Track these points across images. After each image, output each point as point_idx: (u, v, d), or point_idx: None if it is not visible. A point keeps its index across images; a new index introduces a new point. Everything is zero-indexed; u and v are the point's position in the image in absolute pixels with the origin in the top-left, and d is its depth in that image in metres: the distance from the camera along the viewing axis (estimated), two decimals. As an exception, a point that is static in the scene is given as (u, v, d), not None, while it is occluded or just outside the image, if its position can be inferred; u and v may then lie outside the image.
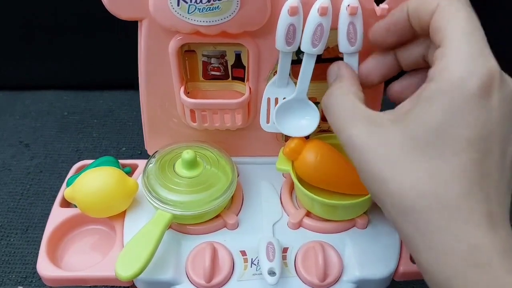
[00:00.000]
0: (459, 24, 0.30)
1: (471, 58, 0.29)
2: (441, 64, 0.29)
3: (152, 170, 0.45)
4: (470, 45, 0.29)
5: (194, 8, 0.39)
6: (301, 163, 0.44)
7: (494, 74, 0.29)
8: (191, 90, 0.47)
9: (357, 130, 0.32)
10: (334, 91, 0.37)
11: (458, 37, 0.29)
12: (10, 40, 0.79)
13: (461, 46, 0.29)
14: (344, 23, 0.40)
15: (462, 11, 0.31)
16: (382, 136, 0.30)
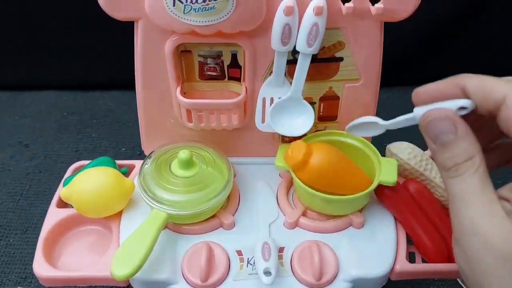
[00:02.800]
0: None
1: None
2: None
3: (148, 170, 0.45)
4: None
5: (189, 8, 0.39)
6: (306, 172, 0.43)
7: None
8: (187, 91, 0.47)
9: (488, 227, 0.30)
10: (467, 178, 0.31)
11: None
12: (10, 40, 0.79)
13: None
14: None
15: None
16: (504, 229, 0.29)
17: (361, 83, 0.47)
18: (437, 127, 0.32)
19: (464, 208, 0.30)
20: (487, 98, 0.31)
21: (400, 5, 0.41)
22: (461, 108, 0.32)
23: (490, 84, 0.31)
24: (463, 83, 0.33)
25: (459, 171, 0.31)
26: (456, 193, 0.31)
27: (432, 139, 0.33)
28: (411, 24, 0.47)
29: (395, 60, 0.79)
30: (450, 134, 0.32)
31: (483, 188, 0.30)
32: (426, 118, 0.33)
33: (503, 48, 0.81)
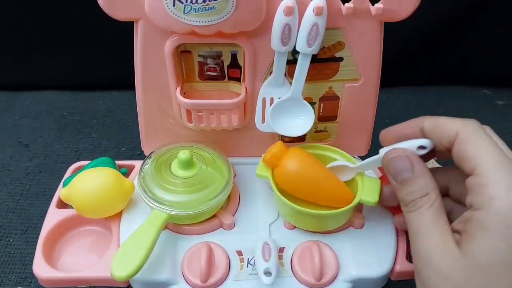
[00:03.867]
0: (488, 153, 0.32)
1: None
2: (485, 194, 0.31)
3: (148, 170, 0.45)
4: (506, 174, 0.31)
5: (189, 8, 0.39)
6: (281, 171, 0.43)
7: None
8: (187, 91, 0.47)
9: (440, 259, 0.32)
10: (423, 212, 0.34)
11: (492, 166, 0.31)
12: (10, 40, 0.79)
13: (499, 176, 0.31)
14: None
15: (484, 138, 0.33)
16: (455, 257, 0.31)
17: (361, 83, 0.47)
18: (397, 165, 0.36)
19: (421, 240, 0.33)
20: (442, 135, 0.35)
21: (400, 5, 0.41)
22: (421, 147, 0.35)
23: (443, 123, 0.35)
24: (421, 124, 0.36)
25: (416, 206, 0.34)
26: (414, 226, 0.34)
27: (393, 176, 0.36)
28: (411, 24, 0.47)
29: (395, 60, 0.79)
30: (408, 172, 0.35)
31: (437, 221, 0.33)
32: (387, 157, 0.37)
33: (503, 48, 0.81)
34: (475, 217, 0.31)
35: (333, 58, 0.45)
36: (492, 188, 0.30)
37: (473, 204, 0.31)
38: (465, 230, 0.31)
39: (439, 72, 0.85)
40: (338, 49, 0.44)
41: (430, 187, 0.34)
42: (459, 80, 0.86)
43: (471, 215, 0.31)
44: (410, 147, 0.36)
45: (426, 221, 0.33)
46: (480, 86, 0.87)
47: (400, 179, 0.35)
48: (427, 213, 0.33)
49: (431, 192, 0.34)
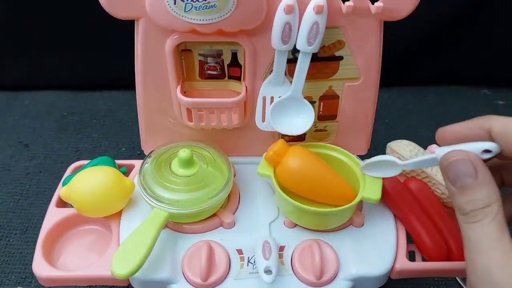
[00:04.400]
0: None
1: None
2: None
3: (148, 169, 0.45)
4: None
5: (190, 6, 0.39)
6: (283, 168, 0.43)
7: None
8: (187, 90, 0.47)
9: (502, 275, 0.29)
10: (485, 225, 0.30)
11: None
12: (10, 40, 0.79)
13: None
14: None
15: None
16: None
17: (360, 82, 0.47)
18: (458, 170, 0.32)
19: (480, 255, 0.30)
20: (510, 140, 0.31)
21: (400, 4, 0.41)
22: (486, 151, 0.32)
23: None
24: (488, 125, 0.32)
25: (477, 217, 0.30)
26: (472, 239, 0.30)
27: (451, 181, 0.32)
28: (411, 24, 0.47)
29: (395, 60, 0.79)
30: (470, 178, 0.31)
31: (500, 237, 0.30)
32: (447, 159, 0.32)
33: (503, 48, 0.81)
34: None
35: (333, 57, 0.45)
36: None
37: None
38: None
39: (439, 72, 0.85)
40: (338, 48, 0.45)
41: (494, 198, 0.30)
42: (459, 80, 0.86)
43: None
44: (474, 150, 0.32)
45: (487, 236, 0.30)
46: (480, 86, 0.87)
47: (460, 184, 0.31)
48: (489, 227, 0.30)
49: (494, 203, 0.30)
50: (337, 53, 0.45)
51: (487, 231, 0.30)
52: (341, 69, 0.46)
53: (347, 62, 0.45)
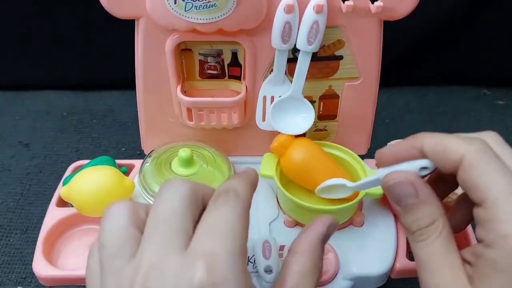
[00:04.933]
0: (498, 182, 0.29)
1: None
2: (497, 231, 0.28)
3: (148, 168, 0.45)
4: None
5: (191, 5, 0.39)
6: (288, 158, 0.44)
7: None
8: (187, 89, 0.48)
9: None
10: (431, 243, 0.31)
11: (502, 199, 0.28)
12: (10, 40, 0.79)
13: (511, 210, 0.28)
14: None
15: (493, 163, 0.30)
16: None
17: (360, 81, 0.47)
18: (399, 191, 0.32)
19: (429, 274, 0.30)
20: (444, 159, 0.31)
21: (400, 4, 0.42)
22: (423, 168, 0.33)
23: (446, 144, 0.31)
24: (420, 144, 0.33)
25: (422, 236, 0.31)
26: (421, 258, 0.31)
27: (395, 201, 0.33)
28: (411, 23, 0.47)
29: (395, 59, 0.79)
30: (412, 197, 0.32)
31: (447, 253, 0.30)
32: (388, 181, 0.33)
33: (503, 48, 0.81)
34: (487, 255, 0.28)
35: (333, 56, 0.45)
36: (504, 226, 0.28)
37: (484, 239, 0.29)
38: (477, 266, 0.29)
39: (439, 72, 0.85)
40: (338, 47, 0.45)
41: (437, 213, 0.31)
42: (459, 80, 0.86)
43: (482, 251, 0.29)
44: (411, 169, 0.33)
45: (435, 254, 0.30)
46: (480, 86, 0.87)
47: (404, 204, 0.32)
48: (435, 244, 0.31)
49: (438, 219, 0.31)
50: (337, 52, 0.45)
51: (434, 249, 0.31)
52: (341, 68, 0.46)
53: (347, 61, 0.45)
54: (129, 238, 0.28)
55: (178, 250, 0.27)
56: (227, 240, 0.27)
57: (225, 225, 0.28)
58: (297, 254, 0.32)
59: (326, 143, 0.48)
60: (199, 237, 0.27)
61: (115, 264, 0.28)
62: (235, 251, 0.27)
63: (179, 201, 0.29)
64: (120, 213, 0.30)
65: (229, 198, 0.30)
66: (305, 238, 0.33)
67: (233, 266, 0.26)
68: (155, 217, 0.29)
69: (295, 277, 0.31)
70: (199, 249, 0.27)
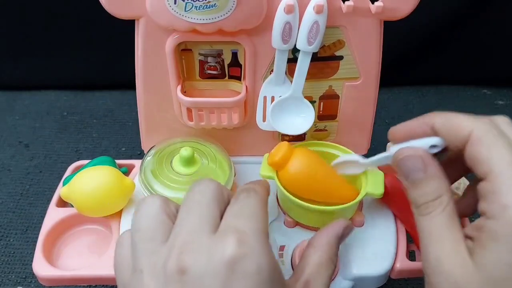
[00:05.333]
0: (502, 157, 0.30)
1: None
2: (498, 202, 0.29)
3: (149, 166, 0.45)
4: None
5: (191, 6, 0.39)
6: (285, 174, 0.43)
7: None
8: (187, 89, 0.48)
9: (452, 265, 0.31)
10: (436, 216, 0.32)
11: (505, 172, 0.29)
12: (10, 40, 0.79)
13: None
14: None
15: (500, 139, 0.31)
16: (467, 269, 0.30)
17: (360, 82, 0.47)
18: (408, 165, 0.34)
19: (431, 246, 0.32)
20: (454, 135, 0.33)
21: (400, 4, 0.41)
22: (433, 146, 0.34)
23: (456, 121, 0.33)
24: (432, 121, 0.35)
25: (428, 209, 0.32)
26: (425, 231, 0.32)
27: (404, 175, 0.34)
28: (411, 23, 0.47)
29: (395, 59, 0.79)
30: (420, 172, 0.33)
31: (449, 227, 0.31)
32: (398, 156, 0.35)
33: (503, 48, 0.81)
34: (488, 226, 0.29)
35: (333, 56, 0.45)
36: (506, 197, 0.29)
37: (486, 212, 0.30)
38: (478, 239, 0.30)
39: (439, 72, 0.85)
40: (338, 47, 0.45)
41: (444, 189, 0.32)
42: (459, 80, 0.86)
43: (484, 224, 0.30)
44: (422, 146, 0.34)
45: (438, 227, 0.32)
46: (480, 86, 0.87)
47: (412, 179, 0.33)
48: (439, 218, 0.32)
49: (444, 195, 0.32)
50: (337, 52, 0.45)
51: (438, 222, 0.32)
52: (341, 68, 0.46)
53: (347, 61, 0.45)
54: (162, 223, 0.31)
55: (209, 231, 0.29)
56: (252, 221, 0.30)
57: (248, 210, 0.32)
58: (315, 248, 0.36)
59: (325, 143, 0.48)
60: (226, 221, 0.31)
61: (149, 246, 0.30)
62: (260, 230, 0.30)
63: (209, 193, 0.32)
64: (154, 202, 0.32)
65: (249, 194, 0.33)
66: (323, 234, 0.37)
67: (260, 241, 0.29)
68: (186, 207, 0.32)
69: (312, 268, 0.34)
70: (228, 227, 0.30)
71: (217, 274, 0.27)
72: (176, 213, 0.32)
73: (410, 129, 0.36)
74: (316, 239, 0.37)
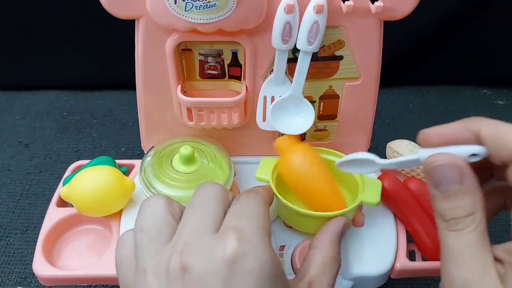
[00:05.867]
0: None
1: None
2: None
3: (149, 164, 0.45)
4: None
5: (191, 6, 0.39)
6: (288, 160, 0.42)
7: None
8: (187, 89, 0.48)
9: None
10: (466, 235, 0.29)
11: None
12: (10, 40, 0.79)
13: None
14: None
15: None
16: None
17: (360, 81, 0.47)
18: (443, 174, 0.30)
19: (458, 266, 0.29)
20: (502, 147, 0.29)
21: (400, 4, 0.42)
22: (473, 155, 0.30)
23: (507, 133, 0.30)
24: (477, 128, 0.31)
25: (458, 225, 0.29)
26: (451, 249, 0.29)
27: (434, 184, 0.31)
28: (411, 23, 0.47)
29: (395, 59, 0.79)
30: (456, 184, 0.30)
31: (481, 248, 0.29)
32: (433, 162, 0.31)
33: (503, 48, 0.81)
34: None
35: (333, 56, 0.45)
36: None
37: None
38: (510, 264, 0.28)
39: (439, 72, 0.85)
40: (338, 47, 0.45)
41: (478, 206, 0.29)
42: (459, 80, 0.86)
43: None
44: (461, 154, 0.30)
45: (468, 247, 0.29)
46: (480, 86, 0.87)
47: (444, 189, 0.30)
48: (470, 237, 0.29)
49: (477, 212, 0.29)
50: (337, 52, 0.45)
51: (468, 242, 0.29)
52: (341, 68, 0.46)
53: (347, 61, 0.45)
54: (166, 223, 0.31)
55: (211, 231, 0.30)
56: (252, 220, 0.31)
57: (248, 210, 0.32)
58: (317, 249, 0.36)
59: (322, 149, 0.46)
60: (227, 220, 0.31)
61: (153, 246, 0.30)
62: (261, 228, 0.31)
63: (212, 194, 0.33)
64: (158, 203, 0.33)
65: (250, 195, 0.34)
66: (324, 234, 0.38)
67: (261, 239, 0.30)
68: (190, 208, 0.32)
69: (316, 268, 0.34)
70: (229, 227, 0.30)
71: (219, 272, 0.28)
72: (180, 213, 0.33)
73: (449, 133, 0.32)
74: (317, 239, 0.37)
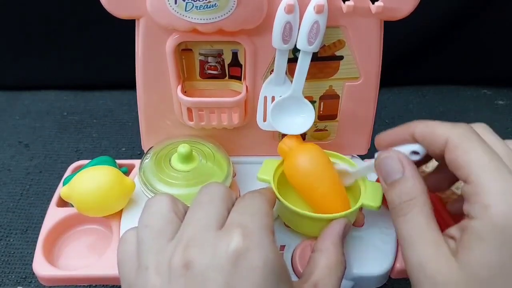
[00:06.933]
0: (479, 159, 0.31)
1: (507, 194, 0.29)
2: (480, 202, 0.30)
3: (148, 164, 0.45)
4: (501, 180, 0.30)
5: (191, 5, 0.39)
6: (293, 160, 0.42)
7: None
8: (188, 89, 0.48)
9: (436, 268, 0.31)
10: (413, 218, 0.33)
11: (484, 173, 0.30)
12: (10, 40, 0.79)
13: (493, 183, 0.30)
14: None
15: (475, 143, 0.31)
16: (451, 270, 0.30)
17: (361, 82, 0.47)
18: (387, 166, 0.35)
19: (410, 249, 0.32)
20: (432, 142, 0.34)
21: (400, 4, 0.42)
22: (414, 152, 0.35)
23: (433, 129, 0.34)
24: (412, 129, 0.36)
25: (403, 210, 0.33)
26: (403, 234, 0.33)
27: (383, 177, 0.36)
28: (411, 23, 0.47)
29: (395, 59, 0.79)
30: (398, 173, 0.34)
31: (427, 229, 0.32)
32: (379, 157, 0.36)
33: (503, 48, 0.81)
34: (471, 226, 0.30)
35: (334, 56, 0.45)
36: (487, 197, 0.29)
37: (469, 213, 0.30)
38: (461, 239, 0.30)
39: (439, 72, 0.85)
40: (339, 47, 0.45)
41: (419, 190, 0.33)
42: (459, 80, 0.86)
43: (467, 224, 0.30)
44: (403, 151, 0.35)
45: (416, 228, 0.32)
46: (480, 86, 0.87)
47: (390, 180, 0.35)
48: (416, 219, 0.32)
49: (419, 196, 0.33)
50: (337, 52, 0.45)
51: (415, 224, 0.32)
52: (341, 68, 0.46)
53: (348, 61, 0.45)
54: (170, 220, 0.32)
55: (215, 228, 0.30)
56: (256, 217, 0.32)
57: (252, 208, 0.33)
58: (321, 251, 0.37)
59: (327, 152, 0.45)
60: (231, 218, 0.32)
61: (157, 244, 0.30)
62: (265, 226, 0.31)
63: (217, 193, 0.34)
64: (163, 201, 0.33)
65: (255, 195, 0.35)
66: (326, 236, 0.38)
67: (264, 235, 0.30)
68: (194, 207, 0.33)
69: (321, 271, 0.35)
70: (233, 223, 0.31)
71: (222, 267, 0.28)
72: (184, 213, 0.33)
73: (394, 136, 0.37)
74: (320, 242, 0.38)
